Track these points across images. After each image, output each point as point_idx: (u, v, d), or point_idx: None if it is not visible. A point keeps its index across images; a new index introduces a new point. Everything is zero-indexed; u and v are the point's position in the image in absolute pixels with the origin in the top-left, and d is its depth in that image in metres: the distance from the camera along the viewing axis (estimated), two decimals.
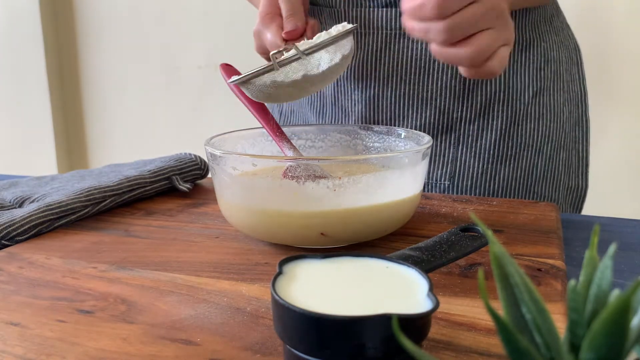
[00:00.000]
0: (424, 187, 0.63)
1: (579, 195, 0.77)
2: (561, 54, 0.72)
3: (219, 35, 1.76)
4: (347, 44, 0.54)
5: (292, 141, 0.60)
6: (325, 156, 0.61)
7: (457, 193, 0.70)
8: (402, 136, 0.58)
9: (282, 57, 0.52)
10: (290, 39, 0.57)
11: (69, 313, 0.38)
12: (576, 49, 0.76)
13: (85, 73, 2.00)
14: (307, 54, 0.52)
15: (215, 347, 0.33)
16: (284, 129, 0.60)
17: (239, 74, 0.63)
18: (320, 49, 0.52)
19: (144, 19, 1.88)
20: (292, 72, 0.52)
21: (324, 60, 0.52)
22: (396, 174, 0.48)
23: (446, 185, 0.70)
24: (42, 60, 1.95)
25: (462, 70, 0.50)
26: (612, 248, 0.20)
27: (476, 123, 0.69)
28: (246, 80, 0.53)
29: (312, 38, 0.55)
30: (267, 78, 0.52)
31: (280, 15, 0.61)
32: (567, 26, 0.76)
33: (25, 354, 0.33)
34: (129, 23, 1.90)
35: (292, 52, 0.52)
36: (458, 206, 0.59)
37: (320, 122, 0.75)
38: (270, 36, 0.59)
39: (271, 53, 0.54)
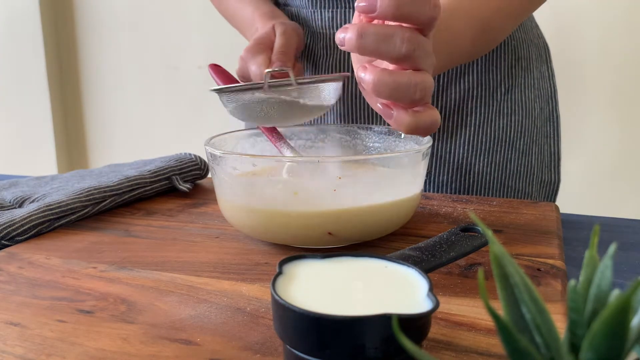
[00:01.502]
0: None
1: (552, 189, 0.79)
2: (531, 52, 0.74)
3: (219, 35, 1.76)
4: (337, 90, 0.54)
5: (291, 141, 0.60)
6: (325, 156, 0.61)
7: (434, 188, 0.72)
8: (402, 136, 0.58)
9: (274, 80, 0.51)
10: (276, 77, 0.58)
11: (69, 313, 0.38)
12: (545, 47, 0.78)
13: (85, 73, 2.00)
14: (299, 84, 0.51)
15: (215, 347, 0.33)
16: (282, 129, 0.60)
17: (228, 74, 0.64)
18: (312, 83, 0.52)
19: (144, 19, 1.87)
20: (276, 98, 0.51)
21: (313, 95, 0.52)
22: (396, 174, 0.48)
23: (425, 181, 0.71)
24: (42, 60, 1.95)
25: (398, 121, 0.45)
26: (612, 248, 0.20)
27: (451, 119, 0.71)
28: (228, 91, 0.52)
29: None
30: (249, 95, 0.51)
31: (270, 49, 0.61)
32: (536, 26, 0.78)
33: (25, 354, 0.33)
34: (129, 23, 1.90)
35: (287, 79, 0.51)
36: (458, 206, 0.59)
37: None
38: (254, 68, 0.59)
39: (265, 71, 0.53)
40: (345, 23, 0.69)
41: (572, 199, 1.34)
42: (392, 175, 0.48)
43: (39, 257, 0.49)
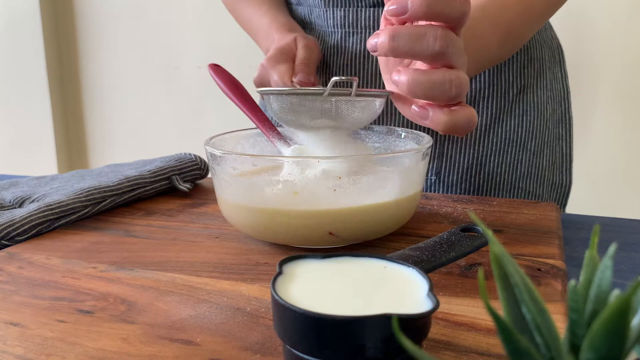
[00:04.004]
0: None
1: (563, 192, 0.78)
2: (544, 52, 0.74)
3: (219, 35, 1.76)
4: (383, 105, 0.52)
5: (292, 141, 0.60)
6: (325, 156, 0.61)
7: (443, 188, 0.71)
8: (402, 136, 0.58)
9: (336, 89, 0.48)
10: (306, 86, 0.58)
11: (69, 313, 0.38)
12: (558, 48, 0.78)
13: (85, 73, 2.00)
14: (357, 96, 0.49)
15: (215, 347, 0.33)
16: (280, 129, 0.60)
17: (228, 74, 0.63)
18: (369, 97, 0.50)
19: (144, 19, 1.88)
20: (335, 106, 0.49)
21: (366, 108, 0.51)
22: (396, 174, 0.48)
23: (432, 180, 0.71)
24: (42, 60, 1.95)
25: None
26: (612, 248, 0.20)
27: None
28: (283, 94, 0.50)
29: None
30: (309, 101, 0.49)
31: (292, 60, 0.62)
32: (550, 27, 0.78)
33: (25, 354, 0.33)
34: (129, 23, 1.90)
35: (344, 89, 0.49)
36: (458, 206, 0.59)
37: None
38: (277, 77, 0.60)
39: (333, 78, 0.49)
40: (356, 22, 0.69)
41: (572, 198, 1.34)
42: (392, 175, 0.48)
43: (39, 257, 0.49)
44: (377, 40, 0.41)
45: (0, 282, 0.44)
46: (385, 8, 0.40)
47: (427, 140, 0.52)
